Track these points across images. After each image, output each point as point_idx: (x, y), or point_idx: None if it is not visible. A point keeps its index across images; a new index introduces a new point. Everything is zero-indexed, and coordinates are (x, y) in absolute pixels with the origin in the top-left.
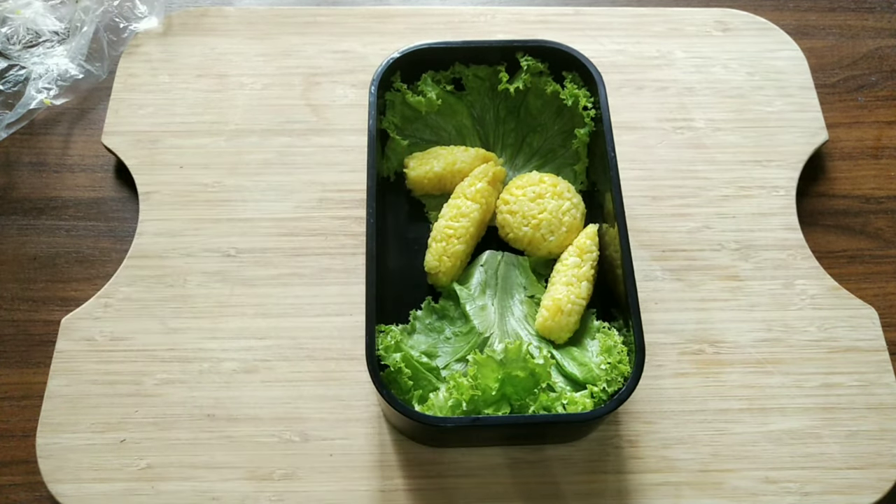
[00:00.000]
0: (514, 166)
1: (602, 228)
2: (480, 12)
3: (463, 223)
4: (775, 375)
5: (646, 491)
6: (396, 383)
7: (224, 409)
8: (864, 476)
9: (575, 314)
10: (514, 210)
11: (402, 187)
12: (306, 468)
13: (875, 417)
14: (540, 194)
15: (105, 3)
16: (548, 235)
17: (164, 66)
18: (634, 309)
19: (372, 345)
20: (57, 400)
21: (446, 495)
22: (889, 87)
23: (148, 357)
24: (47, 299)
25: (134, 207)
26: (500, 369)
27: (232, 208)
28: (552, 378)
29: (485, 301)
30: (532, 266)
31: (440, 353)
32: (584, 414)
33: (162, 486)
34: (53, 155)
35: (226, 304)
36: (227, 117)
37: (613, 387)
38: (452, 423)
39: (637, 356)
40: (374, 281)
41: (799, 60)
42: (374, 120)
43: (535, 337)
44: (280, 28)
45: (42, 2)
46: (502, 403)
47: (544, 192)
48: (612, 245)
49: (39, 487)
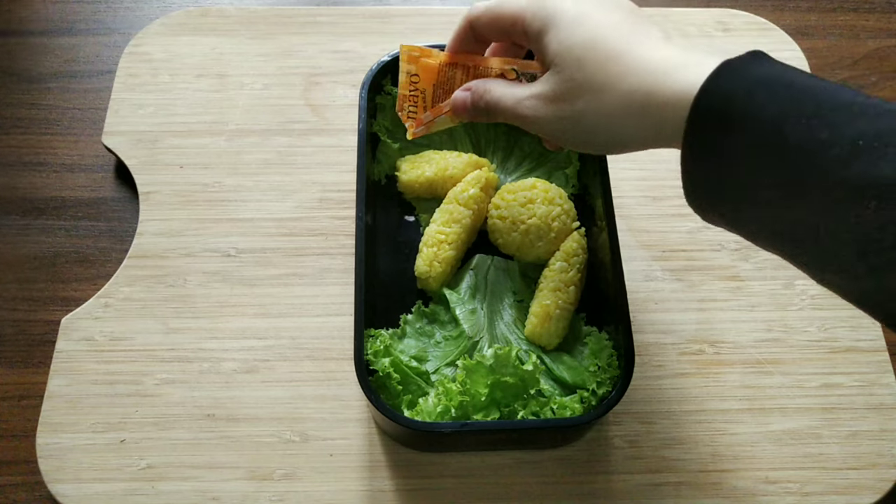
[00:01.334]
0: (505, 170)
1: (594, 231)
2: None
3: (455, 229)
4: (775, 375)
5: (646, 491)
6: (386, 388)
7: (224, 409)
8: (864, 476)
9: (563, 319)
10: (503, 215)
11: (394, 190)
12: (306, 468)
13: (875, 417)
14: (531, 199)
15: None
16: (536, 241)
17: (164, 66)
18: (623, 312)
19: (360, 349)
20: (57, 400)
21: (447, 495)
22: (889, 87)
23: (148, 357)
24: (47, 299)
25: (134, 207)
26: (489, 375)
27: (232, 208)
28: (541, 384)
29: (474, 305)
30: (521, 270)
31: (430, 358)
32: (572, 419)
33: (162, 486)
34: (53, 155)
35: (226, 304)
36: (227, 117)
37: (603, 390)
38: (441, 429)
39: (626, 359)
40: (362, 285)
41: (799, 60)
42: (364, 123)
43: (524, 341)
44: (280, 28)
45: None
46: (491, 409)
47: (535, 198)
48: (604, 248)
49: (39, 487)
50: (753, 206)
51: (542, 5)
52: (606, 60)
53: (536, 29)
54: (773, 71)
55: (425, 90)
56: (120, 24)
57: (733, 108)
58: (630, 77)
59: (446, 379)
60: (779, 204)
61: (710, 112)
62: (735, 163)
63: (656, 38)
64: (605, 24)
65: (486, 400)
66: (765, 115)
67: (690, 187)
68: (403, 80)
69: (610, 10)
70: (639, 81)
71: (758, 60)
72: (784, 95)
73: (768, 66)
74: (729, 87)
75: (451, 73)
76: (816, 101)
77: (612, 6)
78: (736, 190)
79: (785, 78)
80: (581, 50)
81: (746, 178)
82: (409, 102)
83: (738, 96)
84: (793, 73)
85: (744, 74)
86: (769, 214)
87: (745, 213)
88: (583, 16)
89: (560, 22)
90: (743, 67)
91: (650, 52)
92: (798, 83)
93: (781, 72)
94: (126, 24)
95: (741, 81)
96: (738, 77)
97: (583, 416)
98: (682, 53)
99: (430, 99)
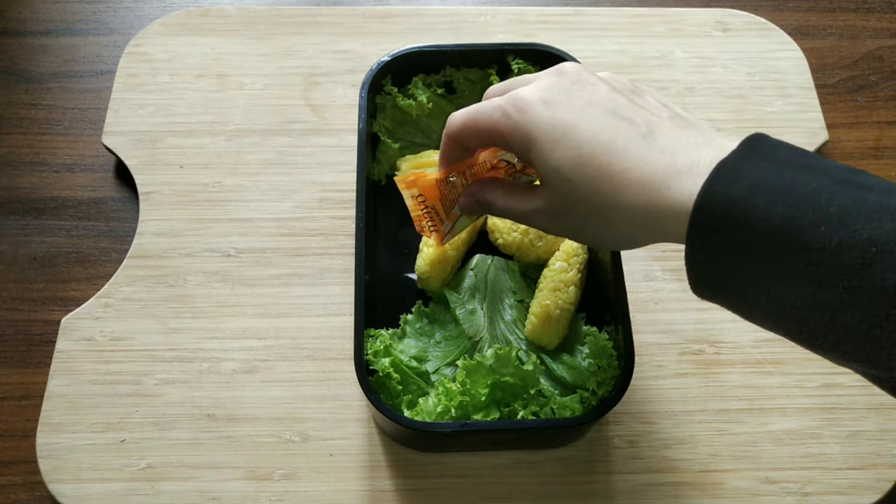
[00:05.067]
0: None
1: None
2: (480, 12)
3: None
4: (775, 375)
5: (646, 491)
6: (386, 388)
7: (224, 409)
8: (864, 476)
9: (563, 319)
10: None
11: (394, 190)
12: (306, 468)
13: (875, 417)
14: None
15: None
16: (536, 241)
17: (164, 66)
18: (623, 312)
19: (360, 349)
20: (57, 400)
21: (447, 495)
22: (889, 87)
23: (148, 357)
24: (47, 299)
25: (134, 207)
26: (489, 375)
27: (232, 208)
28: (541, 383)
29: (474, 305)
30: (521, 270)
31: (430, 358)
32: (572, 419)
33: (162, 486)
34: (53, 155)
35: (226, 304)
36: (227, 117)
37: (603, 390)
38: (441, 429)
39: (626, 359)
40: (362, 285)
41: (799, 61)
42: (364, 123)
43: (524, 341)
44: (280, 28)
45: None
46: (491, 409)
47: None
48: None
49: (39, 487)
50: (765, 304)
51: (516, 122)
52: (596, 179)
53: (518, 146)
54: (767, 172)
55: (434, 205)
56: (120, 24)
57: (732, 217)
58: (624, 193)
59: (446, 379)
60: (796, 303)
61: (709, 221)
62: (740, 267)
63: (640, 140)
64: (584, 138)
65: (486, 400)
66: (768, 223)
67: (695, 284)
68: (412, 204)
69: (586, 115)
70: (634, 197)
71: (751, 159)
72: (784, 203)
73: (761, 167)
74: (724, 197)
75: (450, 182)
76: (816, 208)
77: (588, 107)
78: (743, 291)
79: (780, 182)
80: (568, 171)
81: (755, 279)
82: (426, 220)
83: (736, 205)
84: (788, 174)
85: (737, 180)
86: (782, 312)
87: (755, 310)
88: (561, 132)
89: (539, 141)
90: (735, 171)
91: (640, 164)
92: (796, 188)
93: (776, 173)
94: (126, 24)
95: (736, 189)
96: (732, 183)
97: (583, 416)
98: (671, 158)
99: (441, 211)
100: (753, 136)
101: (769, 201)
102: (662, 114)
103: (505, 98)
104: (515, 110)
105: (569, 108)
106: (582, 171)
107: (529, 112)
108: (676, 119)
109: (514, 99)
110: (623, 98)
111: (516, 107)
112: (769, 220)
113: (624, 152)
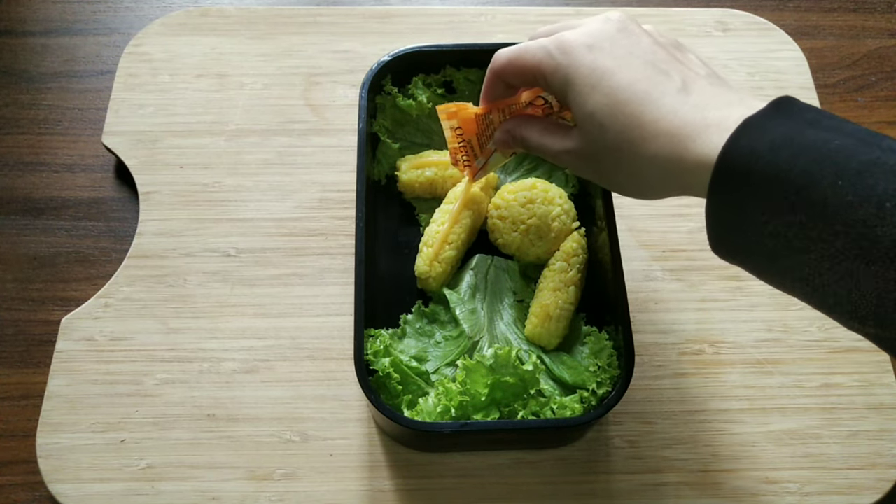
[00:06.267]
0: (505, 169)
1: (594, 231)
2: (481, 12)
3: (455, 229)
4: (775, 376)
5: (646, 491)
6: (386, 388)
7: (224, 409)
8: (864, 476)
9: (563, 319)
10: (503, 215)
11: (394, 190)
12: (306, 468)
13: (875, 417)
14: (530, 199)
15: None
16: (536, 241)
17: (164, 66)
18: (623, 312)
19: (360, 349)
20: (57, 400)
21: (447, 495)
22: (889, 87)
23: (148, 357)
24: (47, 299)
25: (134, 207)
26: (489, 375)
27: (232, 208)
28: (541, 383)
29: (474, 305)
30: (521, 270)
31: (430, 358)
32: (572, 419)
33: (162, 486)
34: (53, 155)
35: (226, 304)
36: (227, 117)
37: (603, 390)
38: (441, 429)
39: (626, 359)
40: (362, 285)
41: (799, 61)
42: (364, 123)
43: (524, 341)
44: (280, 28)
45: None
46: (491, 409)
47: (535, 198)
48: (604, 248)
49: (39, 487)
50: (783, 258)
51: (558, 63)
52: (627, 127)
53: (558, 87)
54: (792, 130)
55: (471, 140)
56: (120, 24)
57: (754, 170)
58: (653, 143)
59: (446, 379)
60: (811, 257)
61: (731, 173)
62: (759, 219)
63: (674, 93)
64: (621, 85)
65: (486, 400)
66: (789, 174)
67: (715, 239)
68: (450, 135)
69: (626, 63)
70: (661, 147)
71: (778, 118)
72: (805, 158)
73: (788, 125)
74: (748, 150)
75: (489, 118)
76: (836, 164)
77: (629, 56)
78: (761, 243)
79: (804, 139)
80: (601, 116)
81: (774, 232)
82: (461, 154)
83: (759, 158)
84: (812, 132)
85: (762, 135)
86: (798, 268)
87: (772, 266)
88: (599, 77)
89: (578, 84)
90: (762, 126)
91: (670, 116)
92: (819, 145)
93: (800, 131)
94: (126, 24)
95: (759, 143)
96: (757, 138)
97: (583, 416)
98: (701, 113)
99: (476, 146)
100: (783, 97)
101: (791, 154)
102: (700, 71)
103: (551, 39)
104: (559, 52)
105: (611, 54)
106: (615, 117)
107: (573, 54)
108: (713, 78)
109: (559, 40)
110: (664, 52)
111: (561, 48)
112: (790, 172)
113: (657, 103)
